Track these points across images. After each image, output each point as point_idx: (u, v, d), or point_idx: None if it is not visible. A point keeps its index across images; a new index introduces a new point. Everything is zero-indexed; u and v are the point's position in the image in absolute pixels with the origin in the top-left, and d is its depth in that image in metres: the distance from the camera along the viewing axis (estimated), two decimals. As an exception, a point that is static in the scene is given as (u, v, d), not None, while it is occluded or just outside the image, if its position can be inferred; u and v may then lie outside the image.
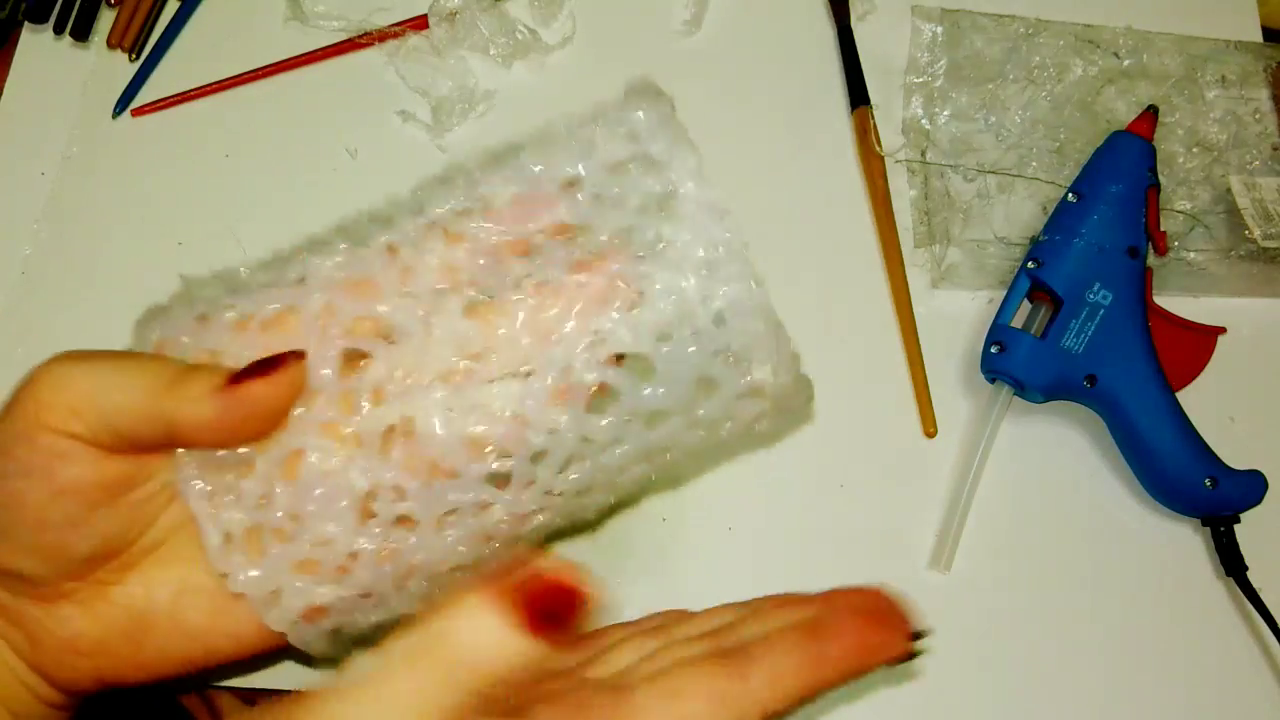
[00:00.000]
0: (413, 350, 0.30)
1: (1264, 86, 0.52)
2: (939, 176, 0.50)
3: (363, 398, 0.30)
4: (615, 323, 0.30)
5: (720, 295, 0.30)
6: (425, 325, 0.31)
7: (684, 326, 0.30)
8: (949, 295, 0.49)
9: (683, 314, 0.30)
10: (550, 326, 0.30)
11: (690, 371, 0.31)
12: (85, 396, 0.30)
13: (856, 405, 0.47)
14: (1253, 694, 0.43)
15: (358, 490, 0.31)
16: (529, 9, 0.55)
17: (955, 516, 0.44)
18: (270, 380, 0.30)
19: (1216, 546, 0.44)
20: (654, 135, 0.31)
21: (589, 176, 0.31)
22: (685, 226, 0.30)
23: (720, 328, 0.30)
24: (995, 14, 0.52)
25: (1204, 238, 0.49)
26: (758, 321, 0.30)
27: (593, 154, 0.31)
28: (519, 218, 0.31)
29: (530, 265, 0.31)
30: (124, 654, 0.32)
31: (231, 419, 0.30)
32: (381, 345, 0.31)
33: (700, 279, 0.30)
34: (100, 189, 0.51)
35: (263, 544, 0.31)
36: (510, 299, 0.31)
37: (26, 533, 0.30)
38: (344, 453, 0.30)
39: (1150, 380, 0.44)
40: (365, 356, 0.31)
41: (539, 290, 0.31)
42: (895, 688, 0.43)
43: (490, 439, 0.30)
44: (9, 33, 0.55)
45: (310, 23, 0.54)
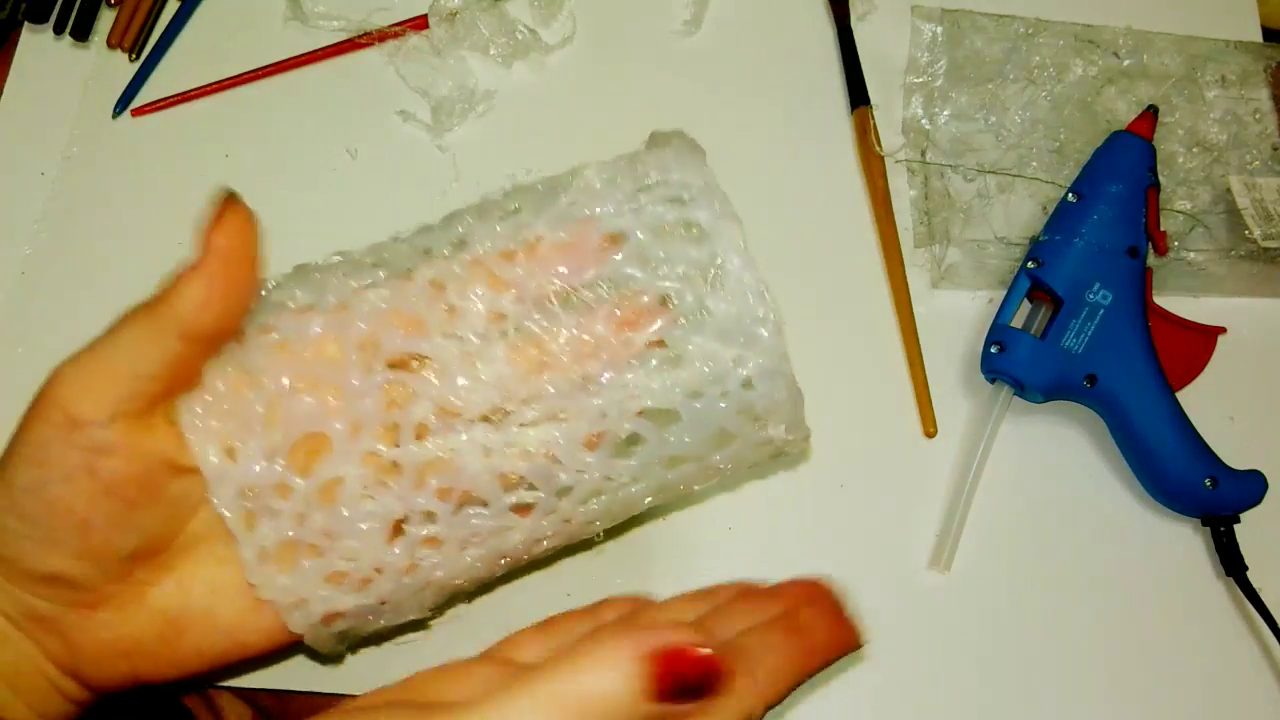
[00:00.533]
0: (456, 390, 0.32)
1: (1264, 86, 0.52)
2: (939, 176, 0.50)
3: (406, 432, 0.32)
4: (651, 379, 0.32)
5: (752, 365, 0.32)
6: (471, 367, 0.32)
7: (715, 388, 0.32)
8: (949, 295, 0.49)
9: (715, 377, 0.32)
10: (590, 378, 0.32)
11: (714, 426, 0.33)
12: (100, 372, 0.31)
13: (856, 405, 0.47)
14: (1253, 694, 0.43)
15: (392, 515, 0.32)
16: (529, 9, 0.55)
17: (955, 516, 0.44)
18: (223, 226, 0.31)
19: (1216, 546, 0.44)
20: (700, 202, 0.33)
21: (635, 237, 0.33)
22: (727, 300, 0.32)
23: (748, 391, 0.32)
24: (995, 14, 0.52)
25: (1204, 238, 0.49)
26: (782, 389, 0.33)
27: (640, 213, 0.33)
28: (564, 265, 0.33)
29: (575, 317, 0.32)
30: (160, 653, 0.33)
31: (217, 283, 0.31)
32: (425, 382, 0.32)
33: (738, 348, 0.32)
34: (100, 189, 0.51)
35: (295, 558, 0.32)
36: (554, 347, 0.32)
37: (73, 537, 0.31)
38: (382, 481, 0.32)
39: (1150, 380, 0.44)
40: (407, 388, 0.32)
41: (582, 342, 0.32)
42: (895, 688, 0.43)
43: (521, 473, 0.32)
44: (9, 33, 0.55)
45: (310, 23, 0.54)
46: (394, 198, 0.51)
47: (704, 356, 0.32)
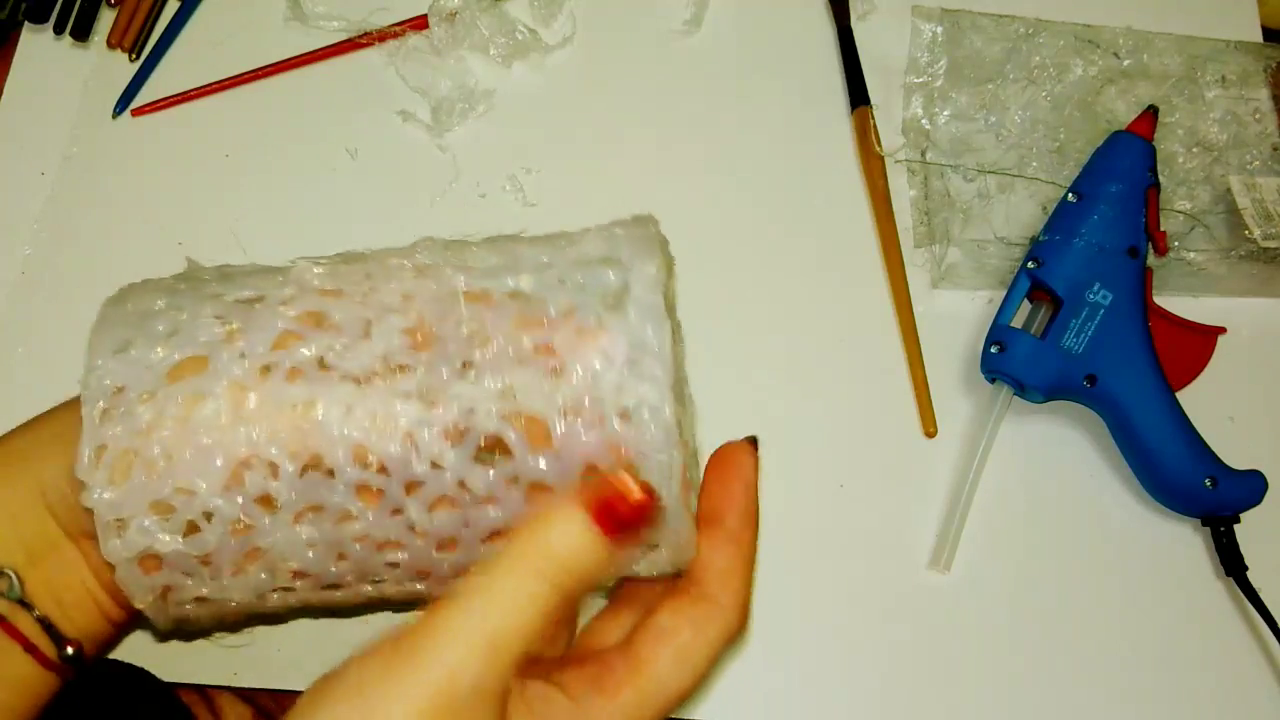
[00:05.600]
0: (342, 347, 0.32)
1: (1264, 86, 0.52)
2: (939, 176, 0.50)
3: (280, 372, 0.31)
4: (529, 383, 0.31)
5: (634, 394, 0.30)
6: (365, 329, 0.32)
7: (591, 411, 0.31)
8: (949, 295, 0.49)
9: (594, 398, 0.31)
10: (471, 365, 0.31)
11: (580, 455, 0.31)
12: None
13: (856, 405, 0.47)
14: (1253, 694, 0.43)
15: (235, 454, 0.31)
16: (529, 9, 0.55)
17: (955, 516, 0.44)
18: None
19: (1216, 546, 0.44)
20: (627, 242, 0.33)
21: (560, 265, 0.33)
22: (622, 322, 0.31)
23: (623, 424, 0.31)
24: (995, 14, 0.52)
25: (1204, 238, 0.49)
26: (659, 431, 0.30)
27: (570, 250, 0.33)
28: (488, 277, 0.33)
29: (478, 312, 0.32)
30: None
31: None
32: (318, 334, 0.32)
33: (619, 373, 0.31)
34: (100, 189, 0.51)
35: (130, 471, 0.31)
36: (444, 329, 0.32)
37: None
38: (238, 414, 0.31)
39: (1150, 380, 0.44)
40: (298, 335, 0.32)
41: (474, 331, 0.32)
42: (895, 688, 0.43)
43: (376, 450, 0.31)
44: (9, 33, 0.55)
45: (310, 23, 0.54)
46: (394, 198, 0.51)
47: (586, 372, 0.31)
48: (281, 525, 0.32)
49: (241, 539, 0.32)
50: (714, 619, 0.31)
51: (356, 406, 0.31)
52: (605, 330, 0.31)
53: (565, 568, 0.27)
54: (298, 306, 0.33)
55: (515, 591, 0.27)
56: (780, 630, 0.43)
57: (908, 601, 0.44)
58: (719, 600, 0.31)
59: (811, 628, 0.43)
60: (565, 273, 0.32)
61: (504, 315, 0.32)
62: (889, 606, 0.44)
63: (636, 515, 0.28)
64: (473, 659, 0.26)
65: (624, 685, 0.29)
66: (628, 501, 0.28)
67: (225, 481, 0.31)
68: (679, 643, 0.30)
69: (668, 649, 0.30)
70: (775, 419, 0.47)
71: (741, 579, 0.31)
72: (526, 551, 0.27)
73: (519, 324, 0.32)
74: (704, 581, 0.31)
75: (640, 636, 0.30)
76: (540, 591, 0.27)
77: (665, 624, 0.30)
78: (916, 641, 0.43)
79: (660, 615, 0.31)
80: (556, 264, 0.33)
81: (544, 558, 0.27)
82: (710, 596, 0.31)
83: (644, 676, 0.30)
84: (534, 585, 0.27)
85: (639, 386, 0.30)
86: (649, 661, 0.30)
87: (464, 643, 0.26)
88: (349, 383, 0.31)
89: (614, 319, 0.31)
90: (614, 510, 0.28)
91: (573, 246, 0.33)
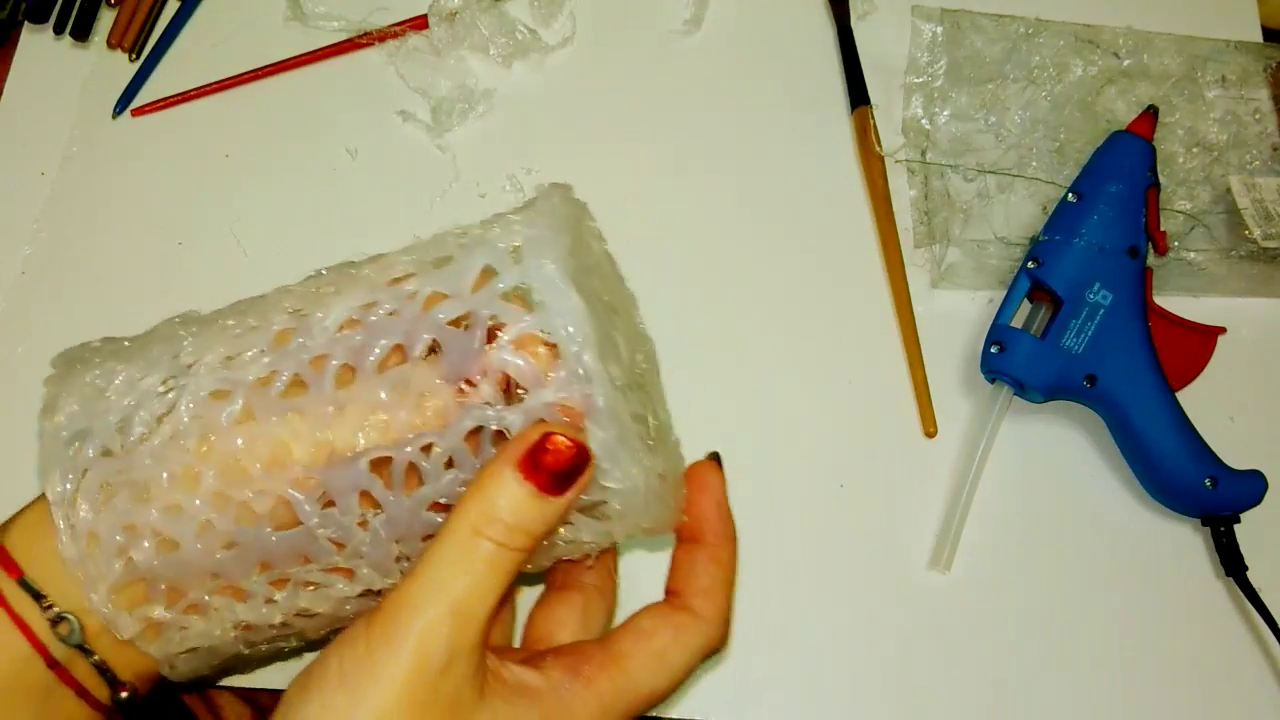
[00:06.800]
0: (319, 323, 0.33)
1: (1264, 86, 0.52)
2: (939, 176, 0.50)
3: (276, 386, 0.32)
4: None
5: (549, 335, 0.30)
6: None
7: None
8: (949, 295, 0.49)
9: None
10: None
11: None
12: None
13: (856, 405, 0.47)
14: (1253, 694, 0.43)
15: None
16: (529, 9, 0.55)
17: (955, 516, 0.44)
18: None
19: (1216, 546, 0.44)
20: (523, 242, 0.32)
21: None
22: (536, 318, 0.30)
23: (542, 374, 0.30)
24: (995, 14, 0.52)
25: (1204, 238, 0.49)
26: (577, 374, 0.30)
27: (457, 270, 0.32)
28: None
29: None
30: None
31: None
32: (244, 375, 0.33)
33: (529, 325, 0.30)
34: (100, 189, 0.51)
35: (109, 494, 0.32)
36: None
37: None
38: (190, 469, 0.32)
39: (1150, 380, 0.44)
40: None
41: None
42: (895, 688, 0.43)
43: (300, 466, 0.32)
44: (9, 33, 0.55)
45: (310, 23, 0.54)
46: (394, 198, 0.51)
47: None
48: (251, 525, 0.32)
49: (207, 540, 0.32)
50: (695, 629, 0.32)
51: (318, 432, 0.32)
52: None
53: (510, 525, 0.28)
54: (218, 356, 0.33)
55: (467, 556, 0.28)
56: (780, 630, 0.43)
57: (908, 601, 0.44)
58: (701, 613, 0.32)
59: (811, 627, 0.43)
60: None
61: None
62: (889, 606, 0.44)
63: (567, 464, 0.29)
64: (441, 626, 0.27)
65: (600, 676, 0.30)
66: (554, 452, 0.28)
67: (187, 487, 0.32)
68: (658, 644, 0.31)
69: (646, 648, 0.31)
70: (775, 419, 0.47)
71: (723, 594, 0.32)
72: (470, 516, 0.28)
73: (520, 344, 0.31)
74: (686, 595, 0.32)
75: (620, 634, 0.31)
76: (490, 552, 0.28)
77: (646, 625, 0.31)
78: (916, 641, 0.43)
79: (642, 618, 0.32)
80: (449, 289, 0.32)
81: (486, 519, 0.28)
82: (692, 609, 0.32)
83: (621, 670, 0.31)
84: (483, 547, 0.28)
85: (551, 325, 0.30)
86: (628, 656, 0.31)
87: (429, 613, 0.27)
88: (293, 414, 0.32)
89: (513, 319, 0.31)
90: (539, 460, 0.28)
91: (468, 260, 0.32)
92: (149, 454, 0.32)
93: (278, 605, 0.33)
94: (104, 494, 0.32)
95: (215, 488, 0.32)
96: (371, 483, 0.31)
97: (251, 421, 0.32)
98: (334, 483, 0.31)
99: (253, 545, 0.32)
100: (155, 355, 0.33)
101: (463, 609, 0.28)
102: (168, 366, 0.33)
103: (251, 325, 0.33)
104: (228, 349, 0.33)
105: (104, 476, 0.32)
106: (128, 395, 0.33)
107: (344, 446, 0.31)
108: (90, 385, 0.33)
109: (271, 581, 0.33)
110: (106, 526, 0.32)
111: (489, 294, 0.31)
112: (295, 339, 0.32)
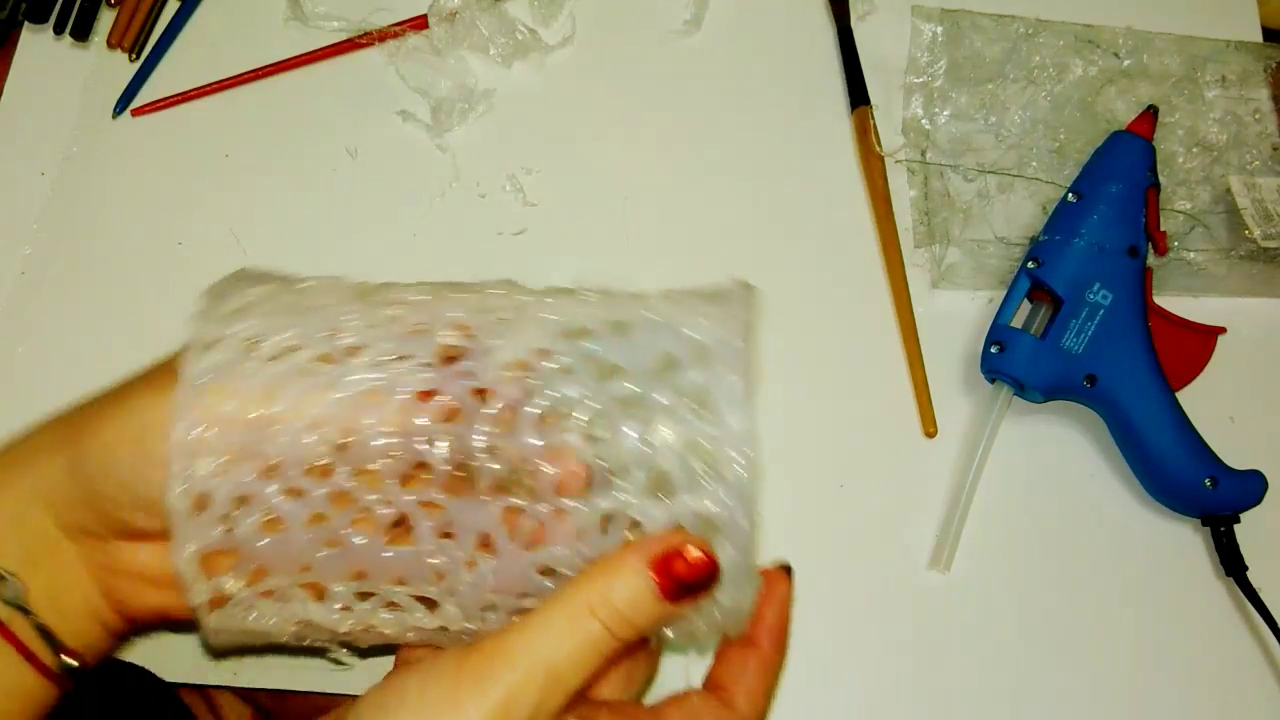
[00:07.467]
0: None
1: (1264, 86, 0.52)
2: (939, 176, 0.50)
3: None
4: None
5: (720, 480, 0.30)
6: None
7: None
8: (949, 295, 0.49)
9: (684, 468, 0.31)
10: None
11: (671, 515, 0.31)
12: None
13: (856, 405, 0.47)
14: (1253, 694, 0.43)
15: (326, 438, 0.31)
16: (529, 9, 0.55)
17: (955, 516, 0.44)
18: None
19: (1216, 546, 0.44)
20: (711, 340, 0.32)
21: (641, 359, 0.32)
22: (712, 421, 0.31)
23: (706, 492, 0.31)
24: (995, 14, 0.52)
25: (1204, 238, 0.49)
26: (739, 503, 0.30)
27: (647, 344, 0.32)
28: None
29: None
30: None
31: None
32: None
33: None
34: (100, 189, 0.51)
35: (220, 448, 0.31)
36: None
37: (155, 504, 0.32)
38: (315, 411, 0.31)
39: (1150, 380, 0.44)
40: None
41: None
42: (895, 688, 0.43)
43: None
44: (9, 33, 0.55)
45: (310, 23, 0.54)
46: (394, 198, 0.51)
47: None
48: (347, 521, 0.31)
49: (317, 530, 0.31)
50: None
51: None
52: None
53: (623, 616, 0.29)
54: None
55: (575, 628, 0.29)
56: (780, 630, 0.43)
57: (908, 601, 0.44)
58: (743, 713, 0.33)
59: (811, 627, 0.43)
60: (647, 381, 0.31)
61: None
62: (889, 606, 0.44)
63: (696, 578, 0.30)
64: (533, 685, 0.28)
65: None
66: (689, 564, 0.29)
67: (306, 466, 0.31)
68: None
69: None
70: (775, 419, 0.47)
71: (766, 699, 0.34)
72: (590, 595, 0.29)
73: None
74: (733, 692, 0.33)
75: (670, 710, 0.32)
76: (596, 633, 0.29)
77: (696, 706, 0.33)
78: (916, 641, 0.43)
79: (692, 698, 0.33)
80: (635, 360, 0.32)
81: (604, 603, 0.29)
82: (736, 706, 0.33)
83: None
84: (592, 627, 0.29)
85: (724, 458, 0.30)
86: None
87: (525, 669, 0.28)
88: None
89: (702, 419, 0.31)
90: (675, 570, 0.29)
91: (652, 339, 0.32)
92: (286, 432, 0.31)
93: (351, 615, 0.33)
94: (228, 457, 0.31)
95: (343, 485, 0.31)
96: (498, 529, 0.31)
97: (398, 430, 0.31)
98: (463, 517, 0.31)
99: (358, 552, 0.31)
100: (313, 327, 0.32)
101: (557, 675, 0.29)
102: (324, 344, 0.32)
103: (417, 326, 0.32)
104: (393, 346, 0.32)
105: (233, 439, 0.31)
106: (276, 363, 0.32)
107: (482, 484, 0.31)
108: (239, 339, 0.32)
109: (358, 592, 0.32)
110: (222, 491, 0.31)
111: (667, 385, 0.31)
112: (464, 363, 0.31)
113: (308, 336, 0.32)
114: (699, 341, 0.32)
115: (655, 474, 0.30)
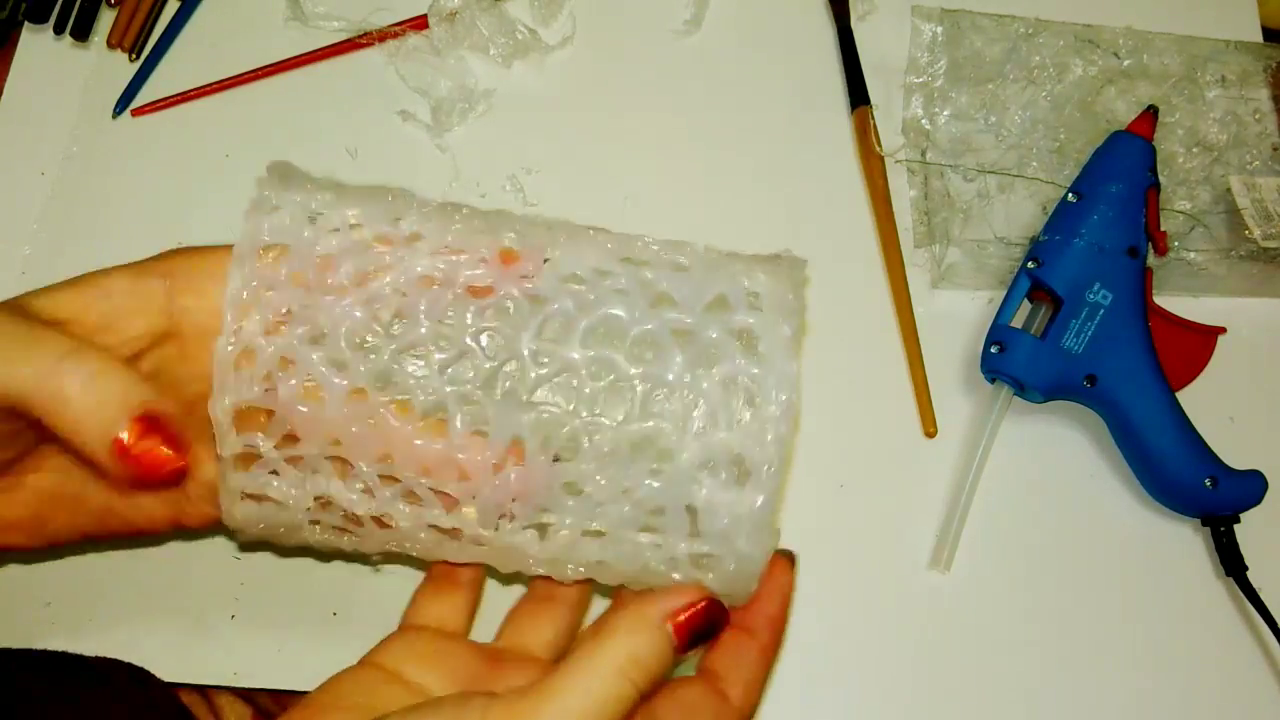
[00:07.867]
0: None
1: (1264, 86, 0.52)
2: (939, 176, 0.50)
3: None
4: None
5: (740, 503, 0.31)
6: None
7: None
8: (949, 295, 0.49)
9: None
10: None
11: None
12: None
13: (856, 405, 0.47)
14: (1253, 694, 0.43)
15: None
16: (529, 9, 0.55)
17: (955, 516, 0.44)
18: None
19: (1216, 546, 0.44)
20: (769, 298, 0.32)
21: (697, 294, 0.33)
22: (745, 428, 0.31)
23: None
24: (995, 14, 0.52)
25: (1204, 238, 0.49)
26: (756, 542, 0.31)
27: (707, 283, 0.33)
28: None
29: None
30: (30, 529, 0.36)
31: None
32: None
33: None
34: (100, 189, 0.51)
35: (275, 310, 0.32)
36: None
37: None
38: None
39: (1150, 380, 0.44)
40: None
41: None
42: (895, 688, 0.43)
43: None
44: (9, 33, 0.55)
45: (310, 23, 0.54)
46: (394, 198, 0.51)
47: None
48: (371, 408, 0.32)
49: (335, 427, 0.32)
50: (727, 715, 0.33)
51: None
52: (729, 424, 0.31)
53: (647, 672, 0.30)
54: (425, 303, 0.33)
55: (604, 690, 0.30)
56: (780, 630, 0.43)
57: (908, 601, 0.44)
58: (737, 704, 0.33)
59: (811, 627, 0.43)
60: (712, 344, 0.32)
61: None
62: (889, 606, 0.44)
63: (711, 632, 0.32)
64: None
65: None
66: (707, 622, 0.31)
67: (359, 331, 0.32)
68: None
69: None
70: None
71: (759, 688, 0.34)
72: (618, 656, 0.30)
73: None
74: (727, 682, 0.34)
75: (663, 705, 0.33)
76: (623, 691, 0.30)
77: (689, 698, 0.33)
78: (916, 641, 0.43)
79: (684, 691, 0.33)
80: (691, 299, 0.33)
81: (631, 663, 0.30)
82: (729, 697, 0.33)
83: None
84: (619, 686, 0.30)
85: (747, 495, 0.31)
86: None
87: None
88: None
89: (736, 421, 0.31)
90: (693, 628, 0.31)
91: (707, 278, 0.33)
92: (338, 303, 0.32)
93: (370, 498, 0.33)
94: (278, 319, 0.32)
95: (386, 365, 0.31)
96: (531, 435, 0.31)
97: (446, 315, 0.32)
98: (499, 417, 0.31)
99: (390, 434, 0.32)
100: (377, 209, 0.33)
101: None
102: (386, 226, 0.33)
103: (478, 228, 0.33)
104: (452, 238, 0.33)
105: (287, 302, 0.32)
106: (337, 236, 0.32)
107: (524, 388, 0.31)
108: (303, 207, 0.33)
109: (382, 475, 0.33)
110: (268, 349, 0.31)
111: (717, 322, 0.31)
112: (523, 264, 0.32)
113: (370, 217, 0.33)
114: (752, 290, 0.32)
115: (693, 405, 0.31)
